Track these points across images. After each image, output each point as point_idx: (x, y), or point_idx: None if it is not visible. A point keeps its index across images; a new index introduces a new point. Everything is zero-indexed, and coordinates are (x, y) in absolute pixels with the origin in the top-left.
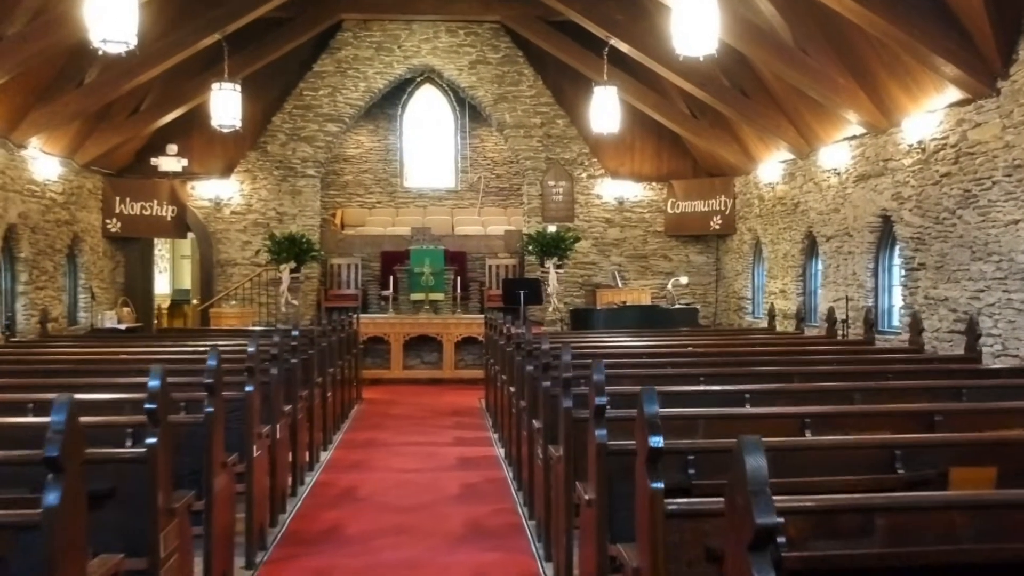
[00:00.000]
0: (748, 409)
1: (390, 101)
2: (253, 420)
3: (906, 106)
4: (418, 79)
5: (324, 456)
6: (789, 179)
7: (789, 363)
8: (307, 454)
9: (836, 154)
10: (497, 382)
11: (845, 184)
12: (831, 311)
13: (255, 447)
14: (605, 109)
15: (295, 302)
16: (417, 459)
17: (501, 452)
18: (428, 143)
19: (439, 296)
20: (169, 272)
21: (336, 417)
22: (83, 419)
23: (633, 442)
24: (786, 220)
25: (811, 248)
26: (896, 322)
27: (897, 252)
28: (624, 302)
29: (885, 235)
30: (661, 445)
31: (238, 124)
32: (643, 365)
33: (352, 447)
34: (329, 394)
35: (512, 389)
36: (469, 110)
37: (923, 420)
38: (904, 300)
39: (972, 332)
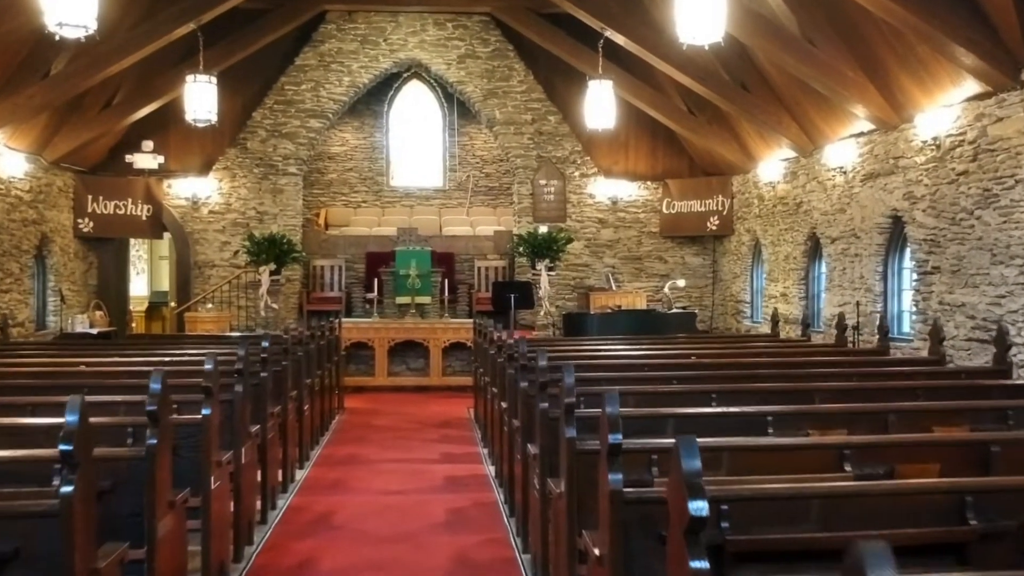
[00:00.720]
0: (777, 439)
1: (376, 97)
2: (211, 447)
3: (919, 100)
4: (405, 74)
5: (300, 475)
6: (791, 178)
7: (805, 377)
8: (280, 473)
9: (842, 152)
10: (487, 393)
11: (852, 183)
12: (840, 317)
13: (213, 478)
14: (600, 104)
15: (275, 305)
16: (401, 478)
17: (491, 471)
18: (415, 141)
19: (426, 299)
20: (147, 273)
21: (314, 431)
22: (4, 454)
23: (654, 491)
24: (787, 221)
25: (814, 250)
26: (907, 328)
27: (908, 255)
28: (619, 306)
29: (895, 236)
30: (706, 513)
31: (214, 118)
32: (646, 379)
33: (331, 464)
34: (306, 407)
35: (504, 405)
36: (458, 106)
37: (977, 452)
38: (916, 306)
39: (1002, 342)
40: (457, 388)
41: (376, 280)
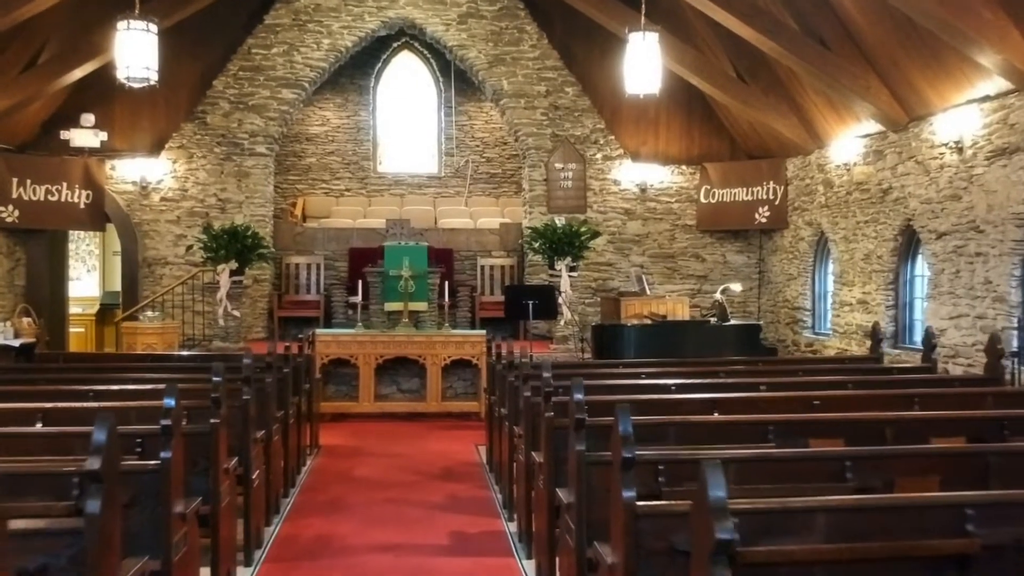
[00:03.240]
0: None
1: (361, 70)
2: None
3: None
4: (395, 44)
5: None
6: (875, 158)
7: None
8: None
9: (957, 122)
10: (517, 448)
11: (971, 162)
12: (993, 339)
13: None
14: (643, 63)
15: (236, 312)
16: None
17: (530, 568)
18: (406, 120)
19: (421, 306)
20: (99, 271)
21: (272, 498)
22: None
23: None
24: (869, 211)
25: (908, 247)
26: None
27: None
28: (664, 316)
29: None
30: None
31: (153, 77)
32: (790, 470)
33: (291, 558)
34: (256, 475)
35: (562, 493)
36: (455, 82)
37: None
38: None
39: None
40: (459, 415)
41: (361, 282)
